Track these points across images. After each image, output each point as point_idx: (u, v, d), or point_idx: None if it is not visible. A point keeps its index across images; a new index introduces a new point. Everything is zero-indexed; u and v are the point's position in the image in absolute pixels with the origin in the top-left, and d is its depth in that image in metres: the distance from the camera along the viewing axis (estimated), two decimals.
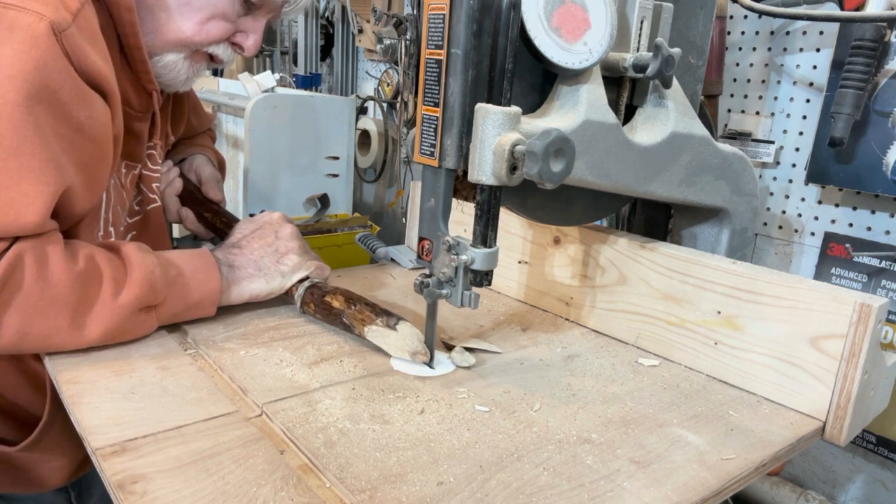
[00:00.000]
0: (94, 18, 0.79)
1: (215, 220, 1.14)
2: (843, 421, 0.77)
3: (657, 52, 0.80)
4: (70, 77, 0.75)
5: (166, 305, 0.85)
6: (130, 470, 0.59)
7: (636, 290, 0.96)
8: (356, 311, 0.88)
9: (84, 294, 0.77)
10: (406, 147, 2.35)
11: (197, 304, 0.88)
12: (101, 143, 0.83)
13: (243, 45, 0.96)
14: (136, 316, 0.81)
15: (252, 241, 0.98)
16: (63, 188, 0.77)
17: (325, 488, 0.60)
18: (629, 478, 0.64)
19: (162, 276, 0.83)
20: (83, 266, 0.77)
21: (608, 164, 0.83)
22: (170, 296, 0.85)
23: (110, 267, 0.80)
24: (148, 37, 0.89)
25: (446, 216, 0.78)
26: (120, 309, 0.79)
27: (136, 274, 0.80)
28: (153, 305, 0.84)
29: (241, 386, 0.76)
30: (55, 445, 0.96)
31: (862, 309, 0.74)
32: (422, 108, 0.76)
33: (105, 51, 0.82)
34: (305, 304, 0.94)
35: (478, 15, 0.70)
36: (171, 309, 0.86)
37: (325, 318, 0.92)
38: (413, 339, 0.84)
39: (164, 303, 0.85)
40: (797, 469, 1.39)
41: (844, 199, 1.27)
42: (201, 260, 0.89)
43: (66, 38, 0.74)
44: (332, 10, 2.78)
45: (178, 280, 0.86)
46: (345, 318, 0.89)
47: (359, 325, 0.87)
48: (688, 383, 0.86)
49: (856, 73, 1.12)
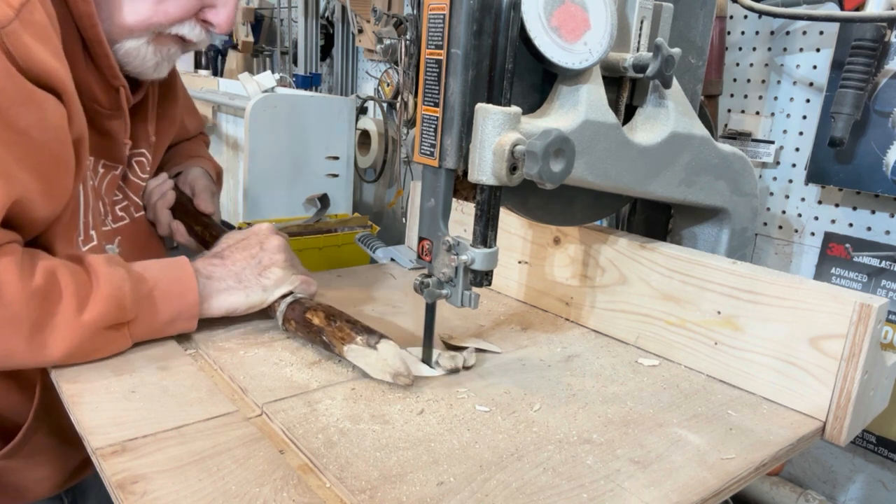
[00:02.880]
0: (41, 13, 0.74)
1: (204, 234, 1.09)
2: (843, 421, 0.77)
3: (657, 52, 0.80)
4: (11, 78, 0.69)
5: (139, 323, 0.80)
6: (130, 470, 0.59)
7: (636, 290, 0.96)
8: (336, 329, 0.83)
9: (42, 311, 0.72)
10: (406, 147, 2.35)
11: (173, 319, 0.83)
12: (57, 146, 0.77)
13: (213, 21, 0.88)
14: (103, 334, 0.76)
15: (235, 251, 0.92)
16: (13, 198, 0.72)
17: (326, 488, 0.60)
18: (629, 478, 0.64)
19: (132, 291, 0.78)
20: (41, 281, 0.72)
21: (608, 164, 0.83)
22: (142, 313, 0.79)
23: (73, 282, 0.75)
24: (105, 23, 0.83)
25: (446, 216, 0.78)
26: (84, 327, 0.74)
27: (103, 290, 0.75)
28: (124, 323, 0.78)
29: (241, 386, 0.76)
30: (39, 454, 0.92)
31: (862, 309, 0.74)
32: (422, 108, 0.76)
33: (57, 47, 0.76)
34: (287, 320, 0.90)
35: (478, 15, 0.70)
36: (145, 327, 0.81)
37: (306, 335, 0.88)
38: (395, 360, 0.78)
39: (136, 320, 0.79)
40: (797, 469, 1.39)
41: (844, 199, 1.27)
42: (177, 272, 0.84)
43: (6, 35, 0.68)
44: (332, 10, 2.78)
45: (151, 295, 0.80)
46: (325, 335, 0.84)
47: (338, 344, 0.82)
48: (688, 383, 0.86)
49: (856, 73, 1.12)
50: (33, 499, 0.97)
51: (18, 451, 0.89)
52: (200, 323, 0.88)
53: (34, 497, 0.97)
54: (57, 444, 0.93)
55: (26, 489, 0.95)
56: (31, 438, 0.89)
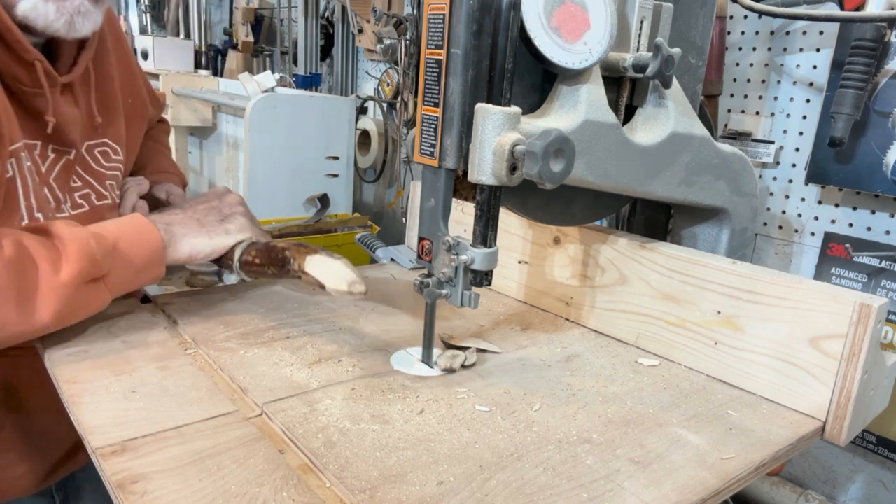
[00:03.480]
0: None
1: None
2: (843, 421, 0.77)
3: (657, 52, 0.80)
4: None
5: (113, 275, 0.81)
6: (130, 470, 0.59)
7: (636, 290, 0.96)
8: (300, 247, 0.84)
9: (22, 280, 0.73)
10: (406, 147, 2.35)
11: (144, 266, 0.84)
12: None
13: None
14: (83, 291, 0.78)
15: (194, 203, 0.94)
16: None
17: (326, 488, 0.60)
18: (629, 478, 0.64)
19: (99, 246, 0.79)
20: (12, 252, 0.73)
21: (608, 164, 0.83)
22: (114, 265, 0.81)
23: (42, 247, 0.76)
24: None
25: (446, 216, 0.78)
26: (65, 287, 0.75)
27: (71, 249, 0.76)
28: (99, 277, 0.80)
29: (241, 386, 0.76)
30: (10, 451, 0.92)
31: (862, 309, 0.74)
32: (422, 108, 0.76)
33: None
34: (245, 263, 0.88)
35: (478, 15, 0.70)
36: (120, 277, 0.82)
37: (266, 263, 0.86)
38: (351, 271, 0.80)
39: (111, 273, 0.81)
40: (797, 469, 1.39)
41: (844, 199, 1.27)
42: (134, 224, 0.85)
43: None
44: (332, 10, 2.79)
45: (117, 247, 0.81)
46: (287, 252, 0.83)
47: (300, 258, 0.82)
48: (688, 383, 0.86)
49: (856, 73, 1.12)
50: (17, 495, 0.97)
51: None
52: (200, 323, 0.88)
53: (17, 493, 0.97)
54: (28, 440, 0.93)
55: (6, 486, 0.95)
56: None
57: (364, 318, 1.00)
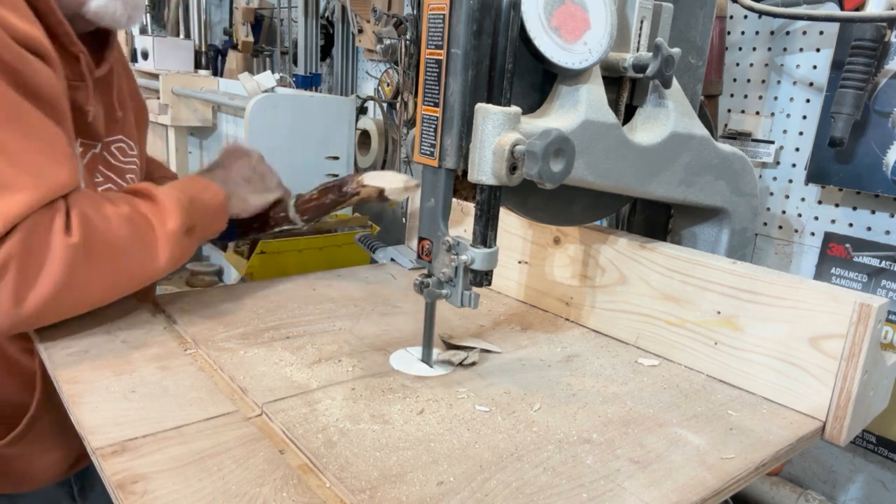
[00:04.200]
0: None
1: None
2: (843, 421, 0.77)
3: (657, 52, 0.80)
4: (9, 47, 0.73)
5: (198, 227, 0.90)
6: (130, 470, 0.59)
7: (636, 290, 0.96)
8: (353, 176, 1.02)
9: (141, 232, 0.82)
10: (406, 147, 2.35)
11: (214, 218, 0.95)
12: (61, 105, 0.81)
13: None
14: (185, 240, 0.87)
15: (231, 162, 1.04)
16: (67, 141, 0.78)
17: (326, 488, 0.60)
18: (629, 478, 0.64)
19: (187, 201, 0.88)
20: (128, 209, 0.82)
21: (608, 164, 0.83)
22: (197, 217, 0.90)
23: (147, 204, 0.85)
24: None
25: (446, 216, 0.78)
26: (174, 235, 0.85)
27: (170, 204, 0.86)
28: (193, 227, 0.89)
29: (241, 386, 0.76)
30: (46, 440, 0.94)
31: (862, 309, 0.74)
32: (422, 108, 0.76)
33: (30, 15, 0.79)
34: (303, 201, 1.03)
35: (478, 15, 0.70)
36: (203, 231, 0.93)
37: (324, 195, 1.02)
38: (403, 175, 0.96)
39: (196, 225, 0.90)
40: (797, 469, 1.39)
41: (844, 199, 1.27)
42: (198, 182, 0.95)
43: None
44: (332, 10, 2.78)
45: (194, 201, 0.90)
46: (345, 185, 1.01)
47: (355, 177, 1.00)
48: (688, 383, 0.86)
49: (856, 73, 1.12)
50: (40, 484, 0.99)
51: (23, 437, 0.92)
52: (201, 323, 0.89)
53: (41, 482, 0.99)
54: (60, 431, 0.95)
55: (33, 475, 0.98)
56: (35, 426, 0.92)
57: (364, 318, 1.00)
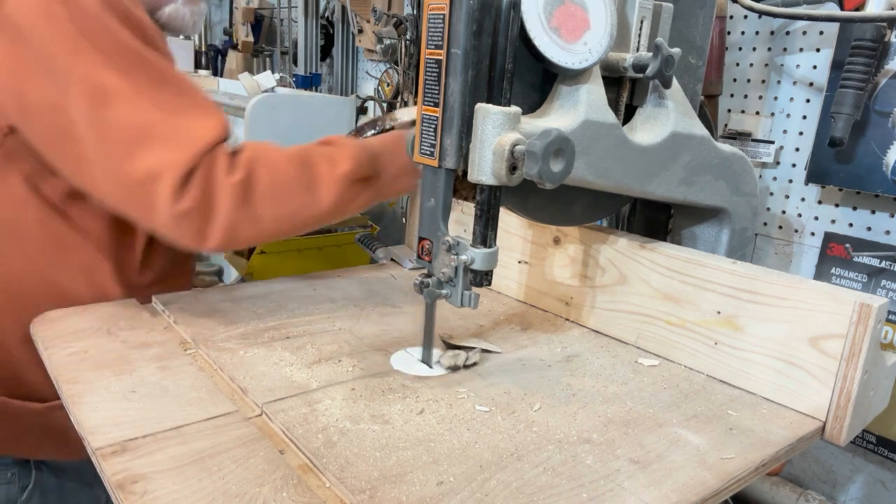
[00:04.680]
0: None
1: None
2: (843, 421, 0.77)
3: (657, 52, 0.80)
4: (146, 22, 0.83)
5: (377, 180, 0.95)
6: (130, 470, 0.59)
7: (636, 290, 0.96)
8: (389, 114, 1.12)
9: (306, 173, 0.87)
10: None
11: (397, 175, 0.97)
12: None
13: None
14: (355, 187, 0.91)
15: None
16: None
17: (326, 488, 0.60)
18: (629, 478, 0.64)
19: (366, 152, 0.93)
20: (294, 151, 0.88)
21: (608, 164, 0.83)
22: (378, 169, 0.94)
23: (321, 149, 0.92)
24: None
25: (446, 216, 0.78)
26: (342, 179, 0.89)
27: (345, 152, 0.91)
28: (367, 177, 0.93)
29: (241, 386, 0.76)
30: None
31: (862, 309, 0.74)
32: (422, 108, 0.76)
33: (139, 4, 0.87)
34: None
35: (478, 15, 0.70)
36: (385, 187, 0.96)
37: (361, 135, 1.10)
38: None
39: (375, 177, 0.94)
40: (797, 469, 1.39)
41: (844, 199, 1.26)
42: (394, 137, 1.00)
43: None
44: (332, 10, 2.78)
45: (381, 155, 0.95)
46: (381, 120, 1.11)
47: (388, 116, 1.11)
48: (688, 383, 0.86)
49: (856, 73, 1.12)
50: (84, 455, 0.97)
51: None
52: (201, 323, 0.89)
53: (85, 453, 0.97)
54: None
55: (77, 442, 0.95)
56: None
57: (364, 318, 1.00)
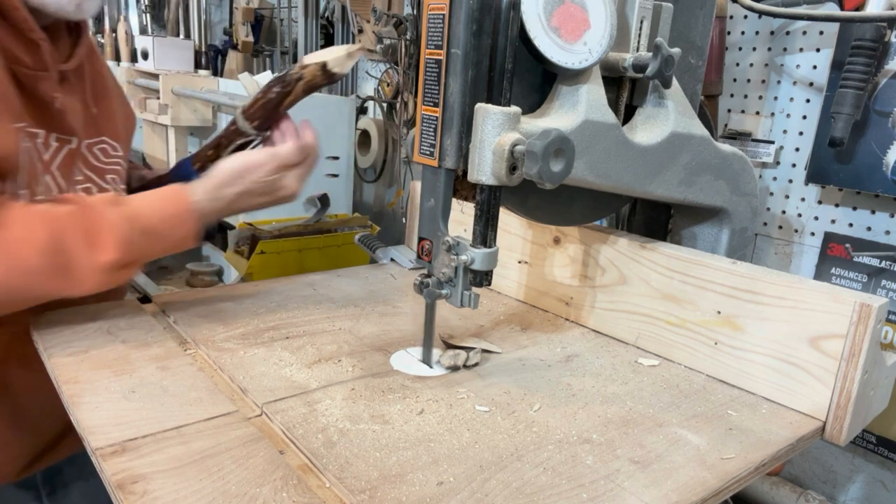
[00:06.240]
0: None
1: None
2: (843, 421, 0.77)
3: (657, 52, 0.80)
4: None
5: (145, 256, 0.87)
6: (130, 470, 0.59)
7: (636, 290, 0.96)
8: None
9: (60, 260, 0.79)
10: (406, 147, 2.35)
11: (176, 245, 0.89)
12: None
13: None
14: (117, 274, 0.83)
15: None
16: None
17: (325, 488, 0.60)
18: (629, 478, 0.64)
19: (134, 232, 0.84)
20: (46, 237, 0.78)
21: (608, 164, 0.83)
22: (150, 250, 0.87)
23: (80, 228, 0.80)
24: None
25: (446, 216, 0.78)
26: (102, 271, 0.81)
27: (109, 238, 0.81)
28: (132, 262, 0.85)
29: (241, 386, 0.76)
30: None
31: (862, 309, 0.74)
32: (422, 108, 0.76)
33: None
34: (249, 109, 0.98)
35: (478, 15, 0.70)
36: (151, 255, 0.88)
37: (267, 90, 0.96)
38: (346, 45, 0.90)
39: (142, 256, 0.86)
40: (797, 469, 1.39)
41: (844, 199, 1.26)
42: (174, 205, 0.88)
43: None
44: (332, 10, 2.78)
45: (155, 233, 0.86)
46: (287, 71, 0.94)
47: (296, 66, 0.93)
48: (688, 383, 0.86)
49: (856, 73, 1.12)
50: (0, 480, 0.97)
51: None
52: (201, 323, 0.88)
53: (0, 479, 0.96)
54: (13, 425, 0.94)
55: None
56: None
57: (364, 318, 1.00)
